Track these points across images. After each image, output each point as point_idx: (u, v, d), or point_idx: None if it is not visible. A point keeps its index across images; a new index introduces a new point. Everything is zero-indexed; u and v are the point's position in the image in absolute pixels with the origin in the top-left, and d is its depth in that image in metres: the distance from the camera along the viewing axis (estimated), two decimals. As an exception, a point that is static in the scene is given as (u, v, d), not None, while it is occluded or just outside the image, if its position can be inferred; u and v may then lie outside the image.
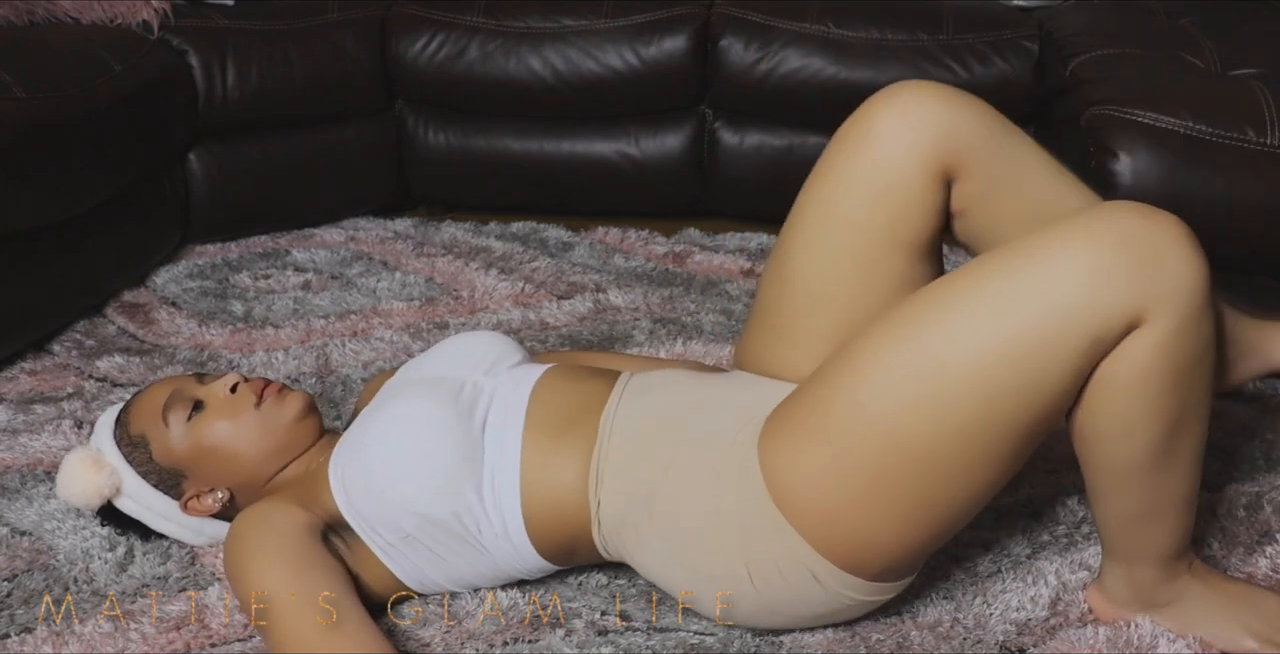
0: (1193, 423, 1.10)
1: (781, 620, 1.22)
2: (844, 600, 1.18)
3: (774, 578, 1.16)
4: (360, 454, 1.24)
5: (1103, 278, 1.00)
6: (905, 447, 1.07)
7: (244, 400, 1.31)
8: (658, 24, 2.27)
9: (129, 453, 1.32)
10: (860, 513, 1.11)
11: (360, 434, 1.26)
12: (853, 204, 1.22)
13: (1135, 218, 1.01)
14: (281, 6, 2.32)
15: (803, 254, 1.27)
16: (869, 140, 1.22)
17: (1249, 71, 1.83)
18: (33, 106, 1.79)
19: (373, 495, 1.22)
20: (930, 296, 1.08)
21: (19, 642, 1.25)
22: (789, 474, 1.13)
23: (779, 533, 1.13)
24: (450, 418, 1.23)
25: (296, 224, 2.39)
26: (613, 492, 1.22)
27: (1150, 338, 1.02)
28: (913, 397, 1.06)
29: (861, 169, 1.22)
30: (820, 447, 1.11)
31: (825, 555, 1.13)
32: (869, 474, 1.09)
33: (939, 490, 1.10)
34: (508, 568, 1.27)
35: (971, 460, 1.08)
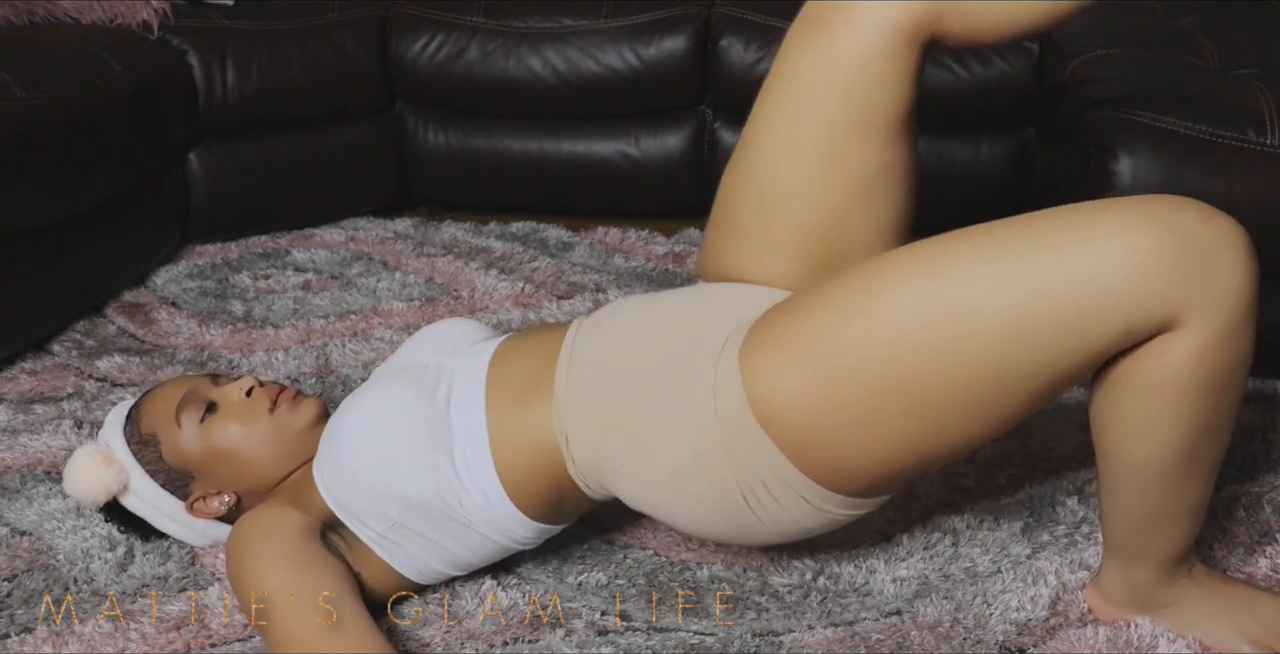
0: (1218, 433, 1.09)
1: (770, 535, 1.20)
2: (828, 516, 1.17)
3: (761, 494, 1.14)
4: (331, 449, 1.24)
5: (1155, 271, 0.97)
6: (907, 386, 1.05)
7: (258, 405, 1.31)
8: (658, 24, 2.27)
9: (138, 450, 1.32)
10: (848, 439, 1.09)
11: (332, 431, 1.26)
12: (813, 88, 1.18)
13: (1198, 217, 0.98)
14: (281, 6, 2.32)
15: (763, 150, 1.23)
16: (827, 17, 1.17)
17: (1249, 71, 1.83)
18: (33, 106, 1.79)
19: (352, 487, 1.22)
20: (963, 241, 1.04)
21: (19, 642, 1.25)
22: (777, 394, 1.09)
23: (763, 451, 1.11)
24: (412, 399, 1.23)
25: (296, 224, 2.39)
26: (579, 425, 1.19)
27: (1191, 344, 1.00)
28: (927, 339, 1.03)
29: (820, 50, 1.17)
30: (818, 370, 1.08)
31: (808, 474, 1.11)
32: (864, 404, 1.07)
33: (930, 432, 1.08)
34: (500, 539, 1.25)
35: (969, 412, 1.06)
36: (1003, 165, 2.26)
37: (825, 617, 1.28)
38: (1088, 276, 0.98)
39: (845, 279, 1.09)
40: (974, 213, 1.22)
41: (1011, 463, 1.54)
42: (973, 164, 2.26)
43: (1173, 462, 1.09)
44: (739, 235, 1.26)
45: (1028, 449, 1.56)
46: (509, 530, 1.25)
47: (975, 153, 2.26)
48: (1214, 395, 1.04)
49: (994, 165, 2.26)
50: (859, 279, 1.08)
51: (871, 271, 1.08)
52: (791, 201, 1.22)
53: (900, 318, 1.04)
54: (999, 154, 2.26)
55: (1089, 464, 1.48)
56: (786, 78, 1.21)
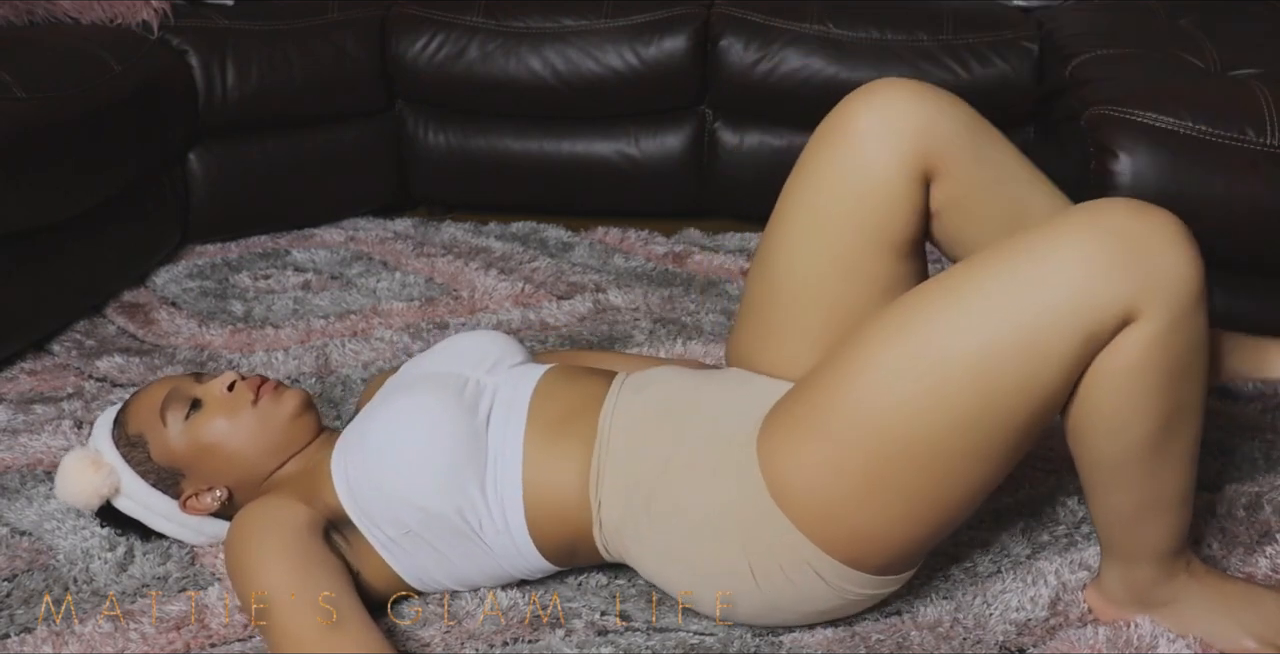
0: (1186, 419, 1.11)
1: (784, 617, 1.22)
2: (846, 595, 1.18)
3: (776, 575, 1.16)
4: (364, 448, 1.24)
5: (1095, 274, 1.00)
6: (902, 442, 1.08)
7: (241, 398, 1.31)
8: (658, 24, 2.27)
9: (127, 452, 1.32)
10: (860, 508, 1.11)
11: (364, 428, 1.26)
12: (833, 204, 1.22)
13: (1128, 213, 1.02)
14: (281, 6, 2.32)
15: (786, 254, 1.27)
16: (847, 140, 1.22)
17: (1249, 71, 1.83)
18: (33, 106, 1.79)
19: (376, 489, 1.22)
20: (926, 294, 1.09)
21: (19, 642, 1.25)
22: (788, 471, 1.13)
23: (779, 530, 1.14)
24: (455, 412, 1.23)
25: (296, 224, 2.39)
26: (612, 491, 1.22)
27: (1143, 333, 1.03)
28: (909, 392, 1.06)
29: (840, 169, 1.22)
30: (819, 443, 1.11)
31: (826, 550, 1.13)
32: (867, 469, 1.10)
33: (937, 485, 1.10)
34: (509, 567, 1.27)
35: (968, 455, 1.08)
36: (1003, 165, 2.26)
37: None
38: (1038, 294, 1.02)
39: (836, 355, 1.14)
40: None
41: (1011, 463, 1.54)
42: (973, 164, 2.25)
43: (1147, 452, 1.11)
44: (765, 329, 1.30)
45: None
46: (518, 560, 1.26)
47: (975, 153, 2.25)
48: (1175, 381, 1.07)
49: (994, 165, 2.26)
50: (843, 351, 1.12)
51: (851, 342, 1.12)
52: (810, 302, 1.26)
53: (881, 378, 1.08)
54: (999, 154, 2.25)
55: (1089, 464, 1.48)
56: (811, 176, 1.25)
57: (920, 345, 1.06)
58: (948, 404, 1.06)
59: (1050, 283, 1.01)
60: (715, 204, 2.43)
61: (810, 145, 1.26)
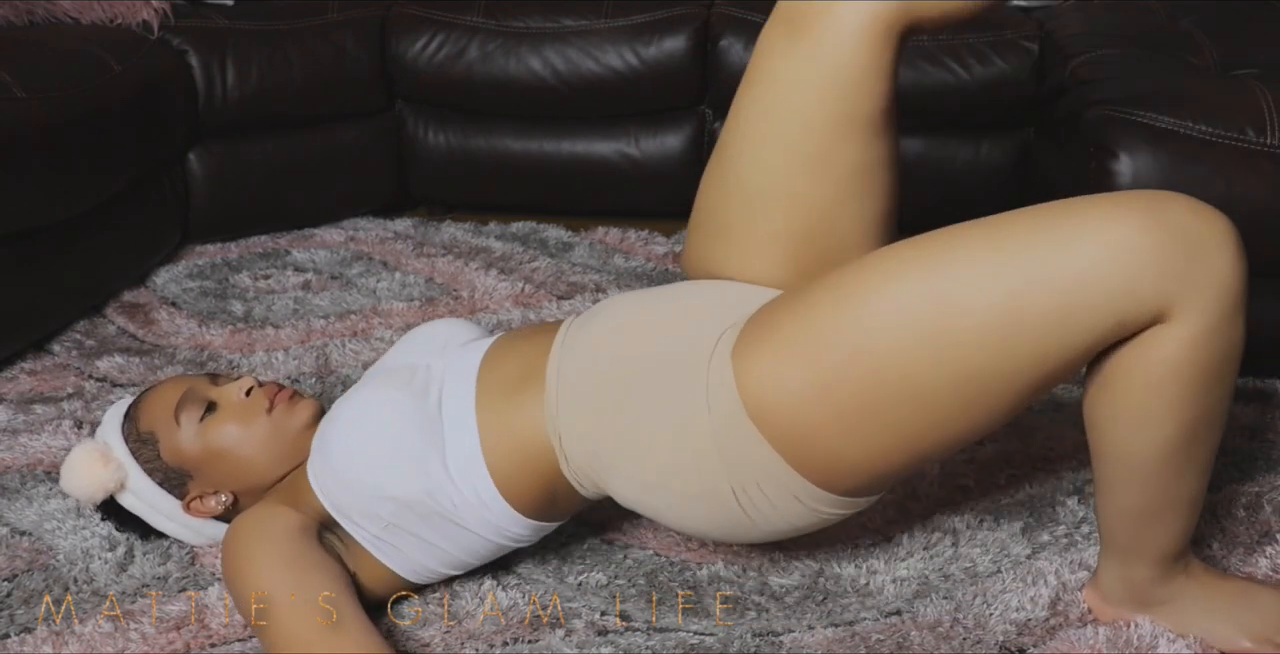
0: (1211, 425, 1.09)
1: (761, 534, 1.20)
2: (820, 515, 1.17)
3: (754, 493, 1.14)
4: (325, 450, 1.24)
5: (1143, 262, 0.98)
6: (901, 380, 1.05)
7: (257, 405, 1.31)
8: (658, 24, 2.27)
9: (136, 449, 1.32)
10: (842, 436, 1.09)
11: (324, 431, 1.26)
12: (789, 93, 1.18)
13: (1186, 210, 1.00)
14: (281, 6, 2.32)
15: (745, 151, 1.22)
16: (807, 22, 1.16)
17: (1249, 71, 1.83)
18: (33, 106, 1.79)
19: (344, 488, 1.22)
20: (959, 235, 1.05)
21: (19, 642, 1.25)
22: (771, 392, 1.10)
23: (756, 450, 1.11)
24: (402, 399, 1.23)
25: (296, 224, 2.39)
26: (571, 422, 1.20)
27: (1182, 333, 1.01)
28: (922, 333, 1.03)
29: (793, 52, 1.17)
30: (810, 365, 1.08)
31: (802, 473, 1.11)
32: (858, 399, 1.07)
33: (924, 427, 1.08)
34: (495, 538, 1.25)
35: (963, 405, 1.06)
36: (1003, 165, 2.26)
37: (825, 617, 1.28)
38: (1079, 270, 0.99)
39: (838, 277, 1.10)
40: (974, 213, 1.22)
41: (1011, 463, 1.54)
42: (973, 164, 2.26)
43: (1168, 454, 1.09)
44: (725, 235, 1.26)
45: (1028, 449, 1.56)
46: (503, 528, 1.25)
47: (975, 153, 2.26)
48: (1207, 386, 1.05)
49: (994, 165, 2.26)
50: (852, 276, 1.08)
51: (865, 269, 1.08)
52: (778, 202, 1.21)
53: (894, 314, 1.05)
54: (999, 154, 2.26)
55: (1089, 464, 1.48)
56: (766, 78, 1.21)
57: (941, 290, 1.03)
58: (955, 354, 1.03)
59: (1097, 257, 0.98)
60: (715, 204, 2.43)
61: (764, 36, 1.21)
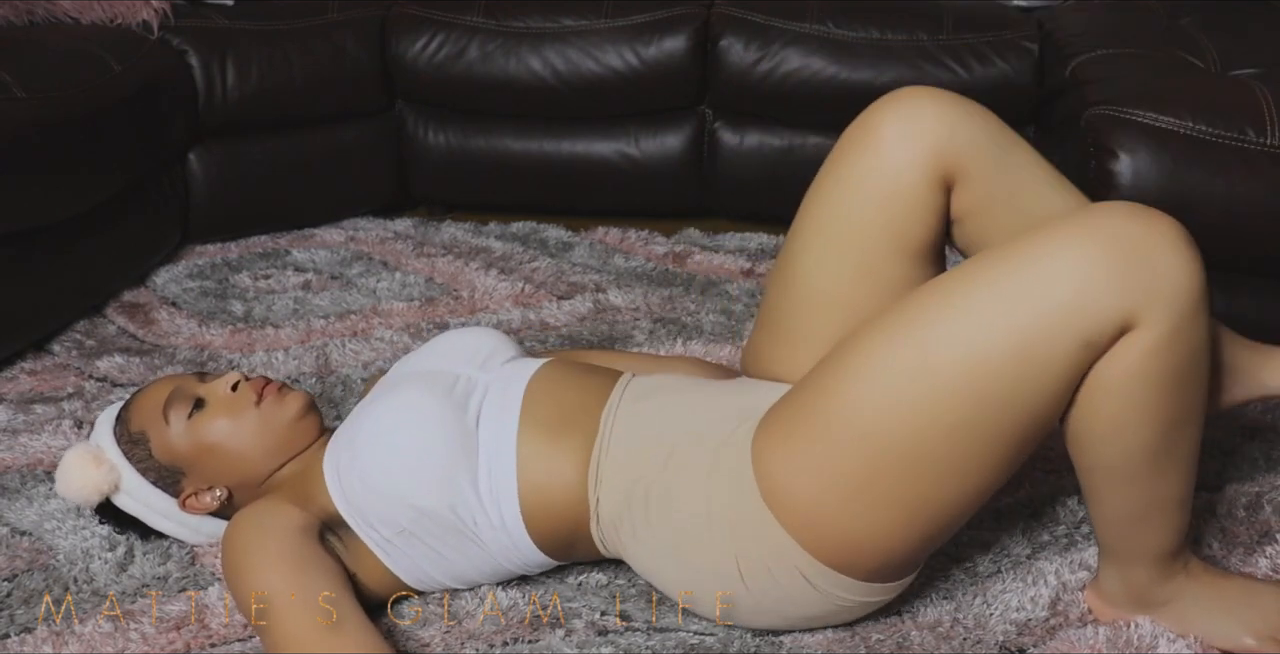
0: (1187, 426, 1.10)
1: (777, 621, 1.22)
2: (837, 601, 1.18)
3: (764, 577, 1.15)
4: (354, 448, 1.24)
5: (1093, 280, 0.99)
6: (894, 447, 1.07)
7: (244, 399, 1.31)
8: (658, 24, 2.27)
9: (128, 450, 1.32)
10: (849, 512, 1.10)
11: (354, 429, 1.26)
12: (856, 209, 1.23)
13: (1128, 218, 1.01)
14: (281, 6, 2.32)
15: (806, 257, 1.27)
16: (871, 146, 1.22)
17: (1249, 71, 1.83)
18: (33, 106, 1.79)
19: (368, 489, 1.22)
20: (922, 297, 1.08)
21: (19, 642, 1.25)
22: (780, 472, 1.13)
23: (768, 531, 1.13)
24: (444, 410, 1.23)
25: (296, 224, 2.39)
26: (611, 487, 1.22)
27: (1144, 341, 1.02)
28: (902, 397, 1.06)
29: (864, 174, 1.22)
30: (811, 445, 1.11)
31: (814, 555, 1.13)
32: (858, 474, 1.09)
33: (929, 492, 1.09)
34: (506, 563, 1.27)
35: (962, 463, 1.08)
36: (1003, 165, 2.26)
37: (825, 617, 1.28)
38: (1035, 304, 1.01)
39: (829, 358, 1.13)
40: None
41: (1011, 463, 1.54)
42: (973, 164, 2.25)
43: (1147, 458, 1.10)
44: (782, 336, 1.30)
45: (1028, 449, 1.56)
46: (517, 556, 1.26)
47: (975, 153, 2.25)
48: (1176, 388, 1.06)
49: (994, 165, 2.26)
50: (837, 355, 1.12)
51: (846, 346, 1.12)
52: (828, 308, 1.26)
53: (873, 383, 1.07)
54: (999, 154, 2.25)
55: (1089, 464, 1.48)
56: (833, 182, 1.25)
57: (914, 350, 1.05)
58: (940, 410, 1.05)
59: (1047, 288, 1.00)
60: (715, 204, 2.43)
61: (834, 152, 1.26)
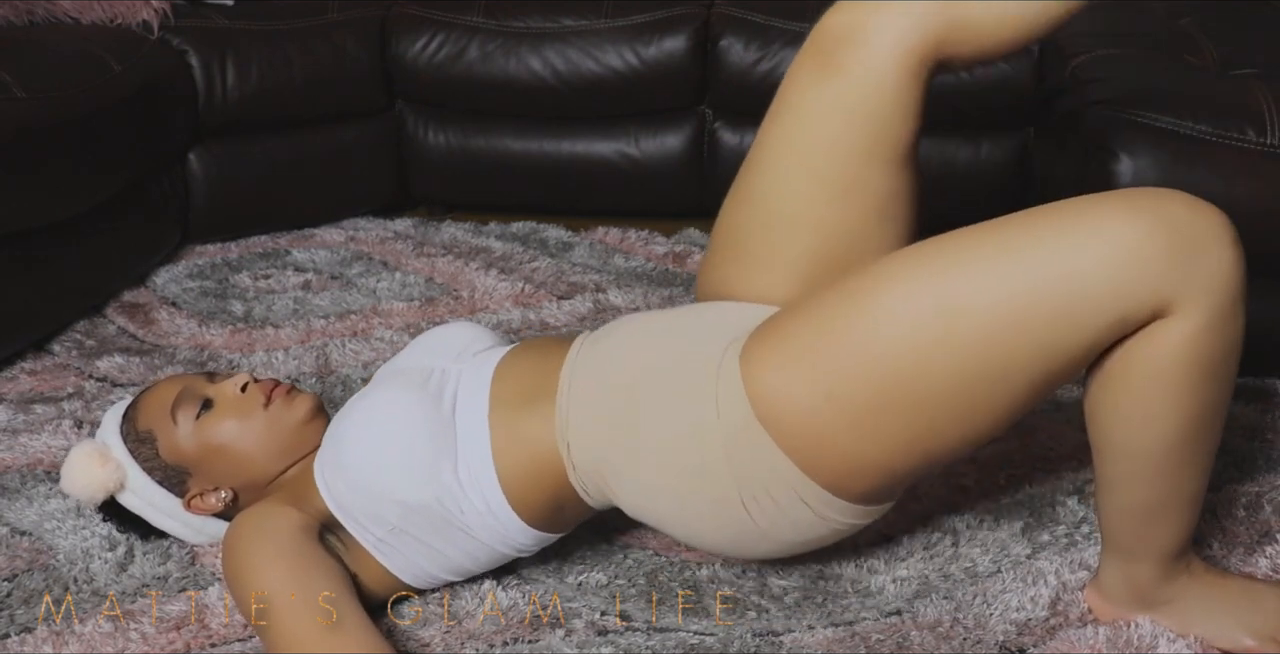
0: (1211, 423, 1.09)
1: (775, 548, 1.20)
2: (831, 524, 1.17)
3: (765, 501, 1.14)
4: (336, 449, 1.24)
5: (1145, 258, 0.98)
6: (908, 381, 1.06)
7: (253, 400, 1.31)
8: (658, 24, 2.27)
9: (135, 448, 1.32)
10: (851, 437, 1.09)
11: (336, 430, 1.26)
12: (819, 122, 1.18)
13: (1182, 206, 1.00)
14: (281, 6, 2.32)
15: (766, 178, 1.23)
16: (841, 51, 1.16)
17: (1249, 71, 1.82)
18: (33, 106, 1.79)
19: (353, 489, 1.22)
20: (961, 238, 1.06)
21: (19, 642, 1.25)
22: (779, 394, 1.10)
23: (765, 453, 1.12)
24: (418, 403, 1.23)
25: (296, 224, 2.39)
26: (580, 430, 1.20)
27: (1182, 330, 1.01)
28: (926, 334, 1.04)
29: (832, 85, 1.17)
30: (818, 368, 1.09)
31: (811, 477, 1.12)
32: (865, 401, 1.08)
33: (933, 428, 1.08)
34: (499, 547, 1.26)
35: (971, 405, 1.07)
36: (1003, 165, 2.26)
37: (825, 617, 1.28)
38: (1080, 268, 1.00)
39: (845, 282, 1.11)
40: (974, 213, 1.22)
41: (1011, 463, 1.54)
42: (973, 164, 2.26)
43: (1170, 449, 1.09)
44: (744, 258, 1.27)
45: (1028, 449, 1.56)
46: (508, 538, 1.25)
47: (975, 153, 2.26)
48: (1208, 381, 1.05)
49: (994, 165, 2.26)
50: (858, 281, 1.10)
51: (870, 274, 1.09)
52: (800, 228, 1.23)
53: (898, 316, 1.05)
54: (999, 154, 2.26)
55: (1089, 464, 1.48)
56: (796, 106, 1.21)
57: (945, 288, 1.04)
58: (960, 353, 1.04)
59: (1097, 255, 0.99)
60: (715, 204, 2.40)
61: (796, 64, 1.21)
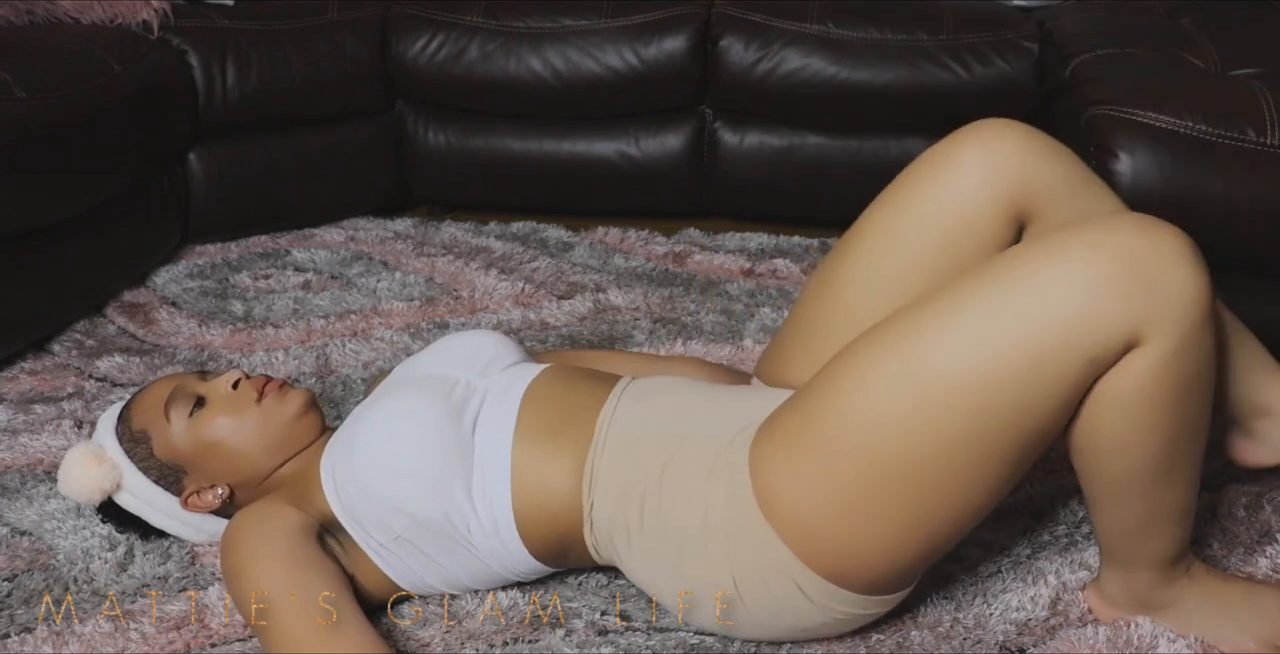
0: (1192, 440, 1.09)
1: (773, 632, 1.20)
2: (833, 614, 1.16)
3: (759, 588, 1.14)
4: (350, 453, 1.24)
5: (1099, 296, 0.98)
6: (890, 460, 1.06)
7: (245, 397, 1.31)
8: (658, 24, 2.27)
9: (130, 448, 1.32)
10: (846, 525, 1.09)
11: (351, 433, 1.26)
12: (922, 232, 1.21)
13: (1134, 233, 0.99)
14: (281, 6, 2.32)
15: (854, 271, 1.26)
16: (950, 170, 1.20)
17: (1249, 71, 1.83)
18: (33, 106, 1.79)
19: (363, 495, 1.22)
20: (922, 309, 1.06)
21: (19, 642, 1.25)
22: (777, 482, 1.11)
23: (764, 541, 1.12)
24: (440, 416, 1.23)
25: (296, 224, 2.39)
26: (605, 492, 1.21)
27: (1149, 358, 1.00)
28: (899, 410, 1.04)
29: (934, 198, 1.21)
30: (808, 455, 1.09)
31: (810, 566, 1.12)
32: (854, 485, 1.08)
33: (926, 506, 1.08)
34: (500, 569, 1.26)
35: (960, 478, 1.06)
36: (1003, 165, 2.26)
37: (825, 617, 1.28)
38: (1040, 319, 0.99)
39: (825, 372, 1.12)
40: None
41: (1011, 463, 1.53)
42: (973, 164, 2.25)
43: (1152, 471, 1.09)
44: (808, 344, 1.29)
45: (1028, 449, 1.56)
46: (509, 562, 1.25)
47: (975, 153, 2.25)
48: (1182, 403, 1.05)
49: (994, 165, 2.26)
50: (836, 365, 1.11)
51: (846, 355, 1.10)
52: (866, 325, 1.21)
53: (873, 394, 1.06)
54: (999, 154, 2.25)
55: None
56: (893, 208, 1.24)
57: (913, 362, 1.04)
58: (939, 425, 1.03)
59: (1052, 304, 0.99)
60: (715, 204, 2.43)
61: (906, 171, 1.25)
